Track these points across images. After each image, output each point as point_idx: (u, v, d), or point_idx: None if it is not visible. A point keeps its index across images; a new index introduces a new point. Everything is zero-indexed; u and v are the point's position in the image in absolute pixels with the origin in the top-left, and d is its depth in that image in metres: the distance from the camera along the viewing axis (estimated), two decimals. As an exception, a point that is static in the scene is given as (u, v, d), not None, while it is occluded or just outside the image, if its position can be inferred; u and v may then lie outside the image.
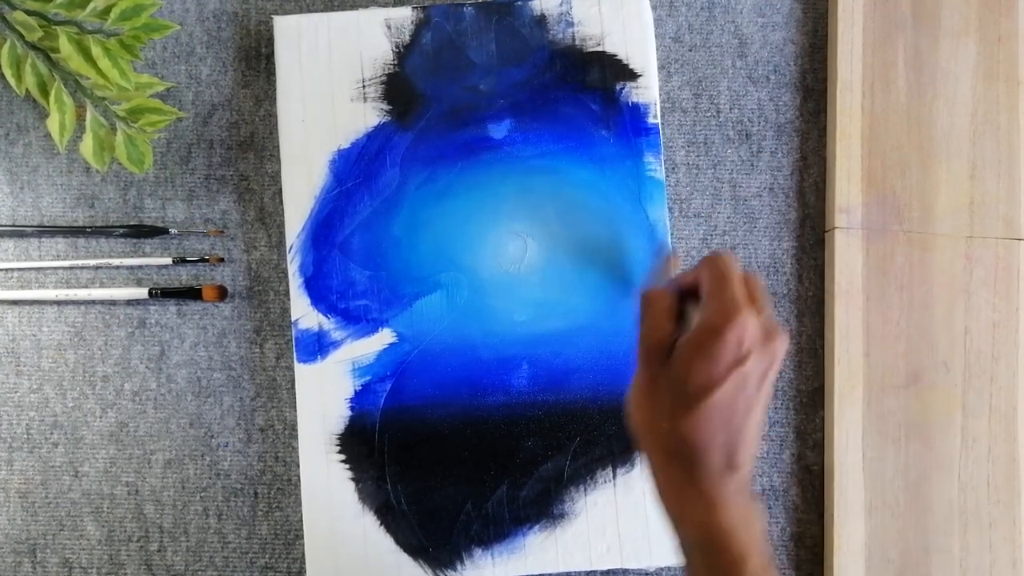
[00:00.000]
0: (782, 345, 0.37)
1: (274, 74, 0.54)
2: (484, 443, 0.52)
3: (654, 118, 0.53)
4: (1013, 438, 0.54)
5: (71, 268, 0.54)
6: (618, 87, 0.53)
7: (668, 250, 0.50)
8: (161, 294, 0.53)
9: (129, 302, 0.54)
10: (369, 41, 0.53)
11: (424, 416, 0.52)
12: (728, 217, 0.56)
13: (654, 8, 0.56)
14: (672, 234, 0.55)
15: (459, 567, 0.51)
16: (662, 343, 0.38)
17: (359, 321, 0.52)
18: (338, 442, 0.51)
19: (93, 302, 0.54)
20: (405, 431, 0.52)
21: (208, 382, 0.54)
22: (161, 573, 0.53)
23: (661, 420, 0.36)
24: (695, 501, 0.36)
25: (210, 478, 0.54)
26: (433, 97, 0.53)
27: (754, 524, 0.36)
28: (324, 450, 0.51)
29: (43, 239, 0.54)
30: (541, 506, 0.52)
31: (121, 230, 0.54)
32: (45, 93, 0.50)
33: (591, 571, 0.54)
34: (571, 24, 0.53)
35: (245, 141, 0.55)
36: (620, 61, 0.53)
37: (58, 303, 0.54)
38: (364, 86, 0.53)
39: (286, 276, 0.54)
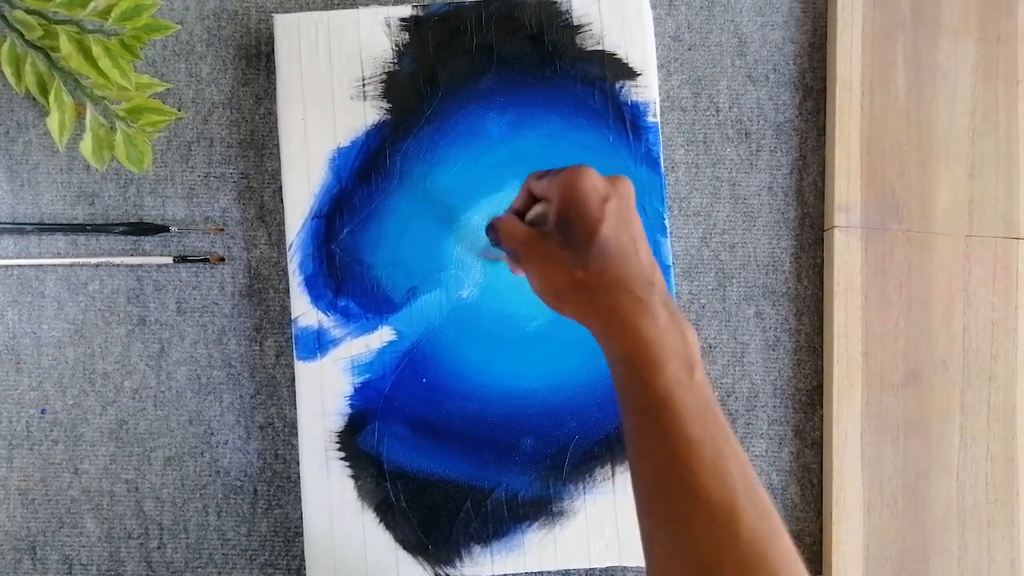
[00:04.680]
0: (626, 182, 0.42)
1: (274, 72, 0.54)
2: (483, 441, 0.52)
3: (653, 117, 0.53)
4: (1011, 437, 0.55)
5: (71, 266, 0.54)
6: (617, 86, 0.53)
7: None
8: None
9: (129, 299, 0.54)
10: (369, 39, 0.53)
11: (423, 414, 0.52)
12: (727, 216, 0.56)
13: (653, 7, 0.56)
14: (671, 232, 0.55)
15: (458, 564, 0.52)
16: (528, 235, 0.42)
17: (359, 319, 0.52)
18: (338, 440, 0.52)
19: (98, 293, 0.54)
20: (404, 429, 0.52)
21: (208, 380, 0.54)
22: (161, 570, 0.53)
23: (576, 272, 0.40)
24: (622, 320, 0.38)
25: (210, 475, 0.54)
26: (432, 95, 0.53)
27: (677, 335, 0.38)
28: (324, 447, 0.51)
29: (43, 236, 0.54)
30: (540, 504, 0.52)
31: (121, 228, 0.54)
32: (45, 92, 0.50)
33: (590, 569, 0.54)
34: (571, 22, 0.53)
35: (245, 139, 0.55)
36: (619, 60, 0.53)
37: (69, 290, 0.54)
38: (364, 84, 0.53)
39: (286, 274, 0.54)
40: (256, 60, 0.56)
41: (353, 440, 0.52)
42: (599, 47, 0.54)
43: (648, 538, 0.37)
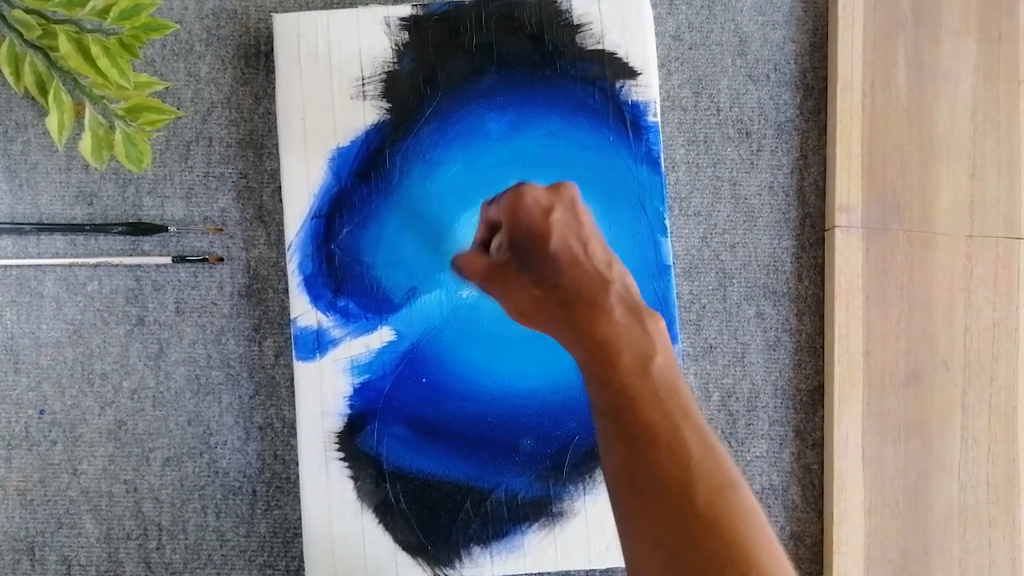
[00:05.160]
0: (569, 187, 0.43)
1: (273, 72, 0.53)
2: (483, 441, 0.52)
3: (654, 116, 0.53)
4: (1013, 438, 0.54)
5: (70, 266, 0.54)
6: (618, 85, 0.53)
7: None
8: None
9: (128, 300, 0.54)
10: (368, 39, 0.53)
11: (423, 414, 0.52)
12: (728, 216, 0.56)
13: (654, 6, 0.56)
14: (672, 232, 0.55)
15: (458, 565, 0.51)
16: (488, 267, 0.44)
17: (358, 319, 0.52)
18: (337, 440, 0.51)
19: (97, 293, 0.54)
20: (404, 429, 0.52)
21: (207, 380, 0.54)
22: (160, 571, 0.53)
23: (533, 291, 0.41)
24: (578, 329, 0.39)
25: (209, 476, 0.54)
26: (432, 95, 0.53)
27: (635, 327, 0.38)
28: (323, 448, 0.51)
29: (42, 236, 0.54)
30: (540, 505, 0.52)
31: (120, 228, 0.54)
32: (44, 92, 0.50)
33: (590, 570, 0.54)
34: (571, 22, 0.53)
35: (244, 139, 0.55)
36: (620, 59, 0.53)
37: (68, 290, 0.54)
38: (363, 84, 0.53)
39: (285, 274, 0.54)
40: (255, 59, 0.56)
41: (352, 440, 0.51)
42: (599, 46, 0.53)
43: (621, 534, 0.37)
